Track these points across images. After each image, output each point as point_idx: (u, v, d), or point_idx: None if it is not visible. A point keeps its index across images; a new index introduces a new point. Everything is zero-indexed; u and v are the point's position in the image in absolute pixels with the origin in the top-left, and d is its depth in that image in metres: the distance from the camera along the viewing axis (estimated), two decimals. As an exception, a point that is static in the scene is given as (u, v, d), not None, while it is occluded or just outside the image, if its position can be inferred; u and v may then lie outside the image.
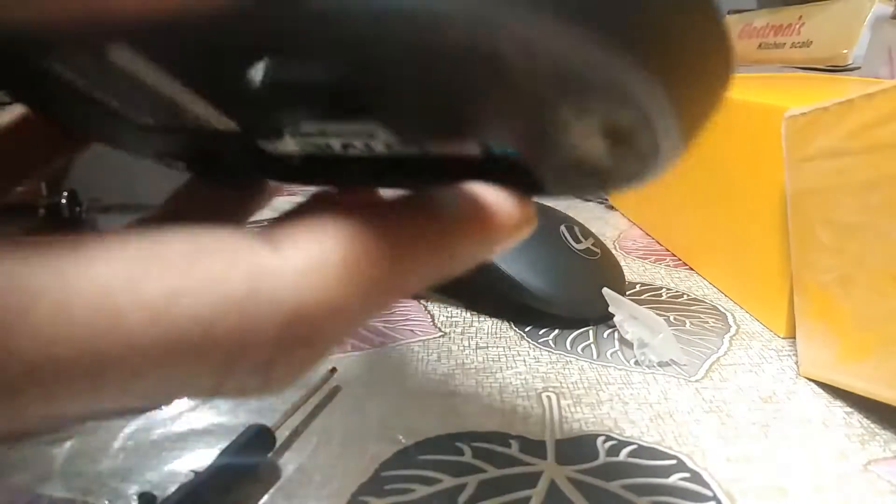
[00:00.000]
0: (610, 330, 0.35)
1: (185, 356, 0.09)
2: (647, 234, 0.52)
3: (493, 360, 0.32)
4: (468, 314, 0.37)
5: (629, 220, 0.56)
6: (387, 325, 0.36)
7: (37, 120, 0.15)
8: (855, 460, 0.25)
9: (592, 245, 0.38)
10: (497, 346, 0.33)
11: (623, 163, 0.10)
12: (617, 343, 0.34)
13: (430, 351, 0.33)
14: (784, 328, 0.34)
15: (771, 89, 0.42)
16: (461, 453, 0.25)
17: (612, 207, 0.59)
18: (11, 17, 0.07)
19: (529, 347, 0.33)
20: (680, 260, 0.46)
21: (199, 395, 0.10)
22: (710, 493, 0.23)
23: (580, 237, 0.38)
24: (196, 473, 0.22)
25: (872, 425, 0.27)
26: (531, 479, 0.24)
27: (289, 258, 0.10)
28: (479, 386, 0.30)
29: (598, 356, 0.32)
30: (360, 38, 0.08)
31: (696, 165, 0.43)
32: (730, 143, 0.38)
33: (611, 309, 0.34)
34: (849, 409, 0.28)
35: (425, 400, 0.29)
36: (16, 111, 0.15)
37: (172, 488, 0.22)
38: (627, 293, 0.40)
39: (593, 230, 0.40)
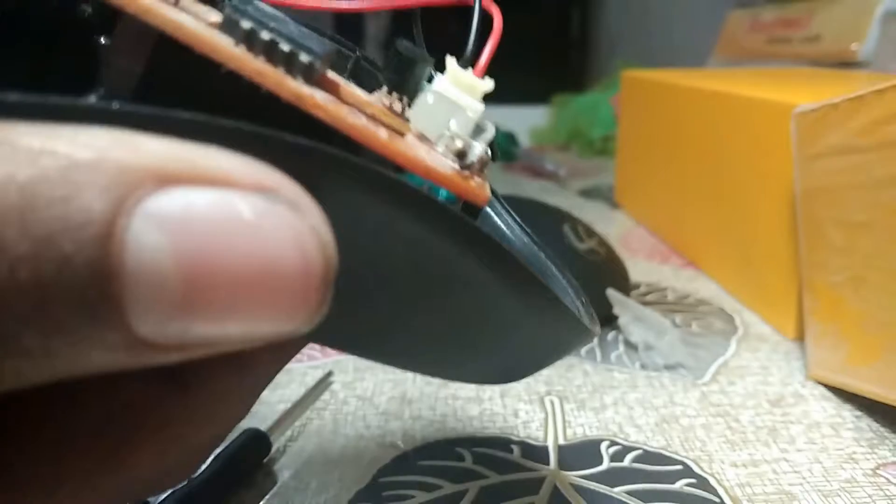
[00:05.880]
0: (614, 332, 0.34)
1: None
2: (653, 233, 0.51)
3: (494, 363, 0.32)
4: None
5: (634, 219, 0.55)
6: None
7: None
8: (864, 464, 0.24)
9: (596, 245, 0.38)
10: (499, 348, 0.33)
11: None
12: (622, 345, 0.33)
13: (431, 353, 0.33)
14: (793, 330, 0.33)
15: (779, 85, 0.42)
16: (461, 459, 0.25)
17: (616, 206, 0.59)
18: None
19: (532, 349, 0.33)
20: (686, 260, 0.45)
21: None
22: (717, 500, 0.22)
23: (583, 237, 0.38)
24: (189, 479, 0.22)
25: (882, 429, 0.26)
26: (533, 486, 0.23)
27: None
28: (479, 389, 0.29)
29: (603, 359, 0.32)
30: None
31: (703, 163, 0.42)
32: (738, 140, 0.38)
33: (615, 310, 0.34)
34: (858, 413, 0.27)
35: (424, 404, 0.28)
36: None
37: (164, 494, 0.22)
38: (632, 294, 0.39)
39: (598, 229, 0.40)
